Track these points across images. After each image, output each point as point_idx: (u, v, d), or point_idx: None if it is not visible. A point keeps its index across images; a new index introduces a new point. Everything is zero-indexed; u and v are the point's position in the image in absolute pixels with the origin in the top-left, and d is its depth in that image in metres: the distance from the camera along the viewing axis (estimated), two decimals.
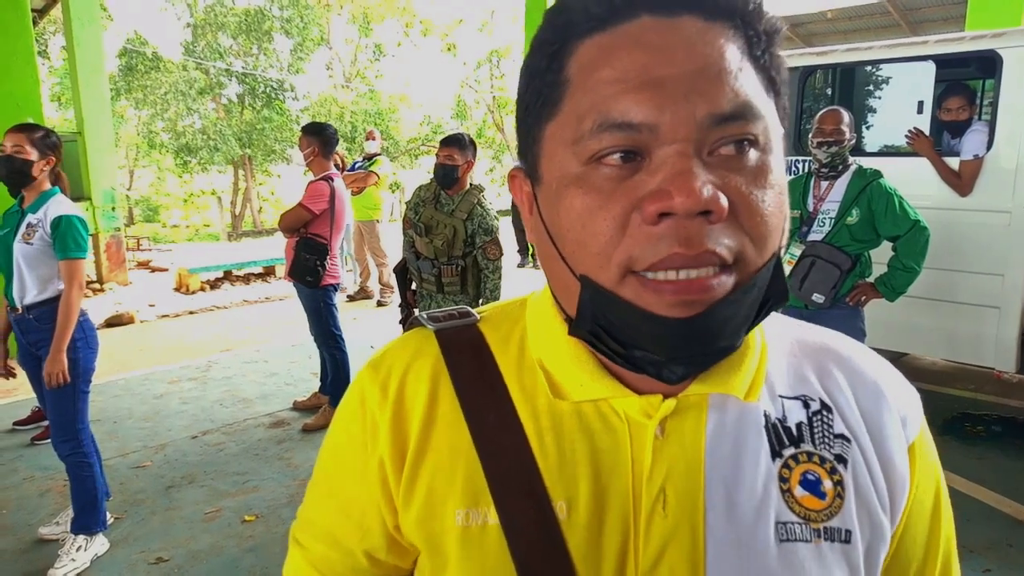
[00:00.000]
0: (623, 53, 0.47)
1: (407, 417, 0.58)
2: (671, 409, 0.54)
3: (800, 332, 0.62)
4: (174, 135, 22.06)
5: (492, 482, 0.55)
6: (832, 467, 0.55)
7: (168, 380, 5.17)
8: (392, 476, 0.58)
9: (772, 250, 0.48)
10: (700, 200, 0.43)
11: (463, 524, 0.55)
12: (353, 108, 23.29)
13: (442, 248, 3.42)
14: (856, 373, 0.59)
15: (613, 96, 0.46)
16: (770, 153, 0.48)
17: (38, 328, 2.76)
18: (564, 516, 0.53)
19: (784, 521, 0.53)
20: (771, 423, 0.56)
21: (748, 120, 0.46)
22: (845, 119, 3.11)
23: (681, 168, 0.45)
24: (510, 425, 0.56)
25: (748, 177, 0.47)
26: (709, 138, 0.46)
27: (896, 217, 3.04)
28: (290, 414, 4.44)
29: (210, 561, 2.79)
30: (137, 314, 7.29)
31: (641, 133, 0.46)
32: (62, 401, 2.74)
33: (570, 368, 0.56)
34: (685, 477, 0.53)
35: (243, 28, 21.28)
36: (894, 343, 4.09)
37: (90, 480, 2.80)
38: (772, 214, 0.47)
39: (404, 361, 0.61)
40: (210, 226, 23.17)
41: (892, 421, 0.58)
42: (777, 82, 0.50)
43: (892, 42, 4.39)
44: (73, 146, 8.20)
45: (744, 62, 0.48)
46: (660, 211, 0.44)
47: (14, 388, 4.84)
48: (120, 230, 8.92)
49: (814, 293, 3.14)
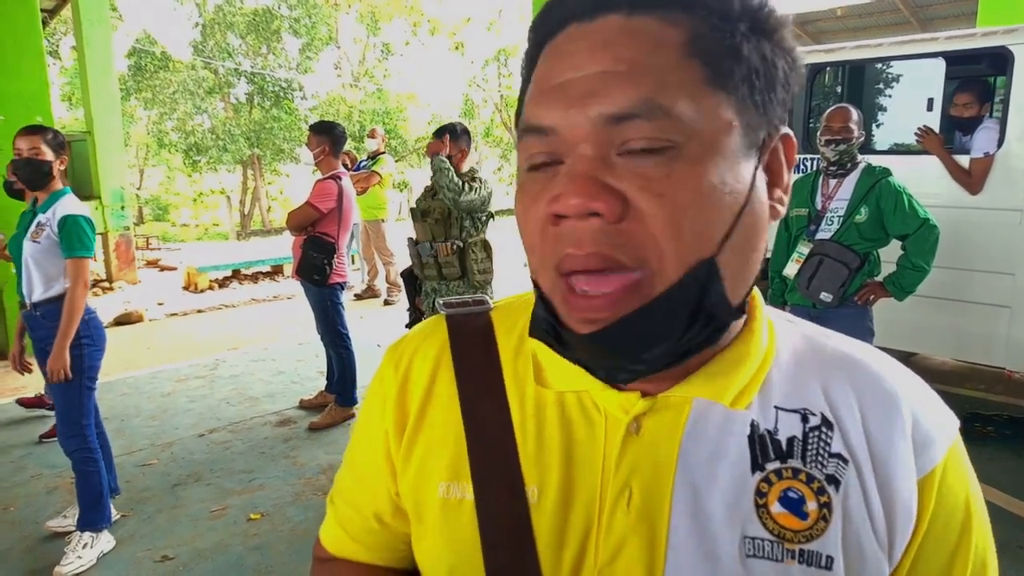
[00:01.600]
0: (545, 62, 0.50)
1: (410, 392, 0.63)
2: (645, 408, 0.53)
3: (820, 340, 0.58)
4: (183, 134, 22.17)
5: (473, 460, 0.57)
6: (821, 487, 0.51)
7: (176, 378, 5.19)
8: (394, 445, 0.63)
9: (692, 258, 0.45)
10: (584, 202, 0.44)
11: (443, 496, 0.58)
12: (361, 107, 23.34)
13: (437, 227, 3.55)
14: (872, 390, 0.54)
15: (530, 103, 0.50)
16: (694, 152, 0.45)
17: (44, 325, 2.79)
18: (535, 500, 0.55)
19: (753, 536, 0.51)
20: (758, 433, 0.53)
21: (651, 118, 0.44)
22: (854, 116, 3.08)
23: (574, 171, 0.46)
24: (498, 409, 0.58)
25: (656, 179, 0.44)
26: (614, 138, 0.45)
27: (905, 215, 3.01)
28: (297, 412, 4.45)
29: (215, 559, 2.80)
30: (146, 312, 7.33)
31: (549, 136, 0.48)
32: (67, 398, 2.78)
33: (556, 359, 0.57)
34: (653, 476, 0.52)
35: (252, 27, 21.36)
36: (903, 343, 4.06)
37: (95, 476, 2.82)
38: (689, 217, 0.44)
39: (416, 342, 0.66)
40: (219, 225, 23.26)
41: (904, 447, 0.52)
42: (730, 74, 0.46)
43: (902, 39, 4.35)
44: (83, 145, 8.25)
45: (665, 54, 0.45)
46: (554, 212, 0.46)
47: (24, 384, 4.87)
48: (130, 229, 8.97)
49: (822, 292, 3.11)
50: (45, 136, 2.78)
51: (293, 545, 2.89)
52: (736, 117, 0.47)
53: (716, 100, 0.46)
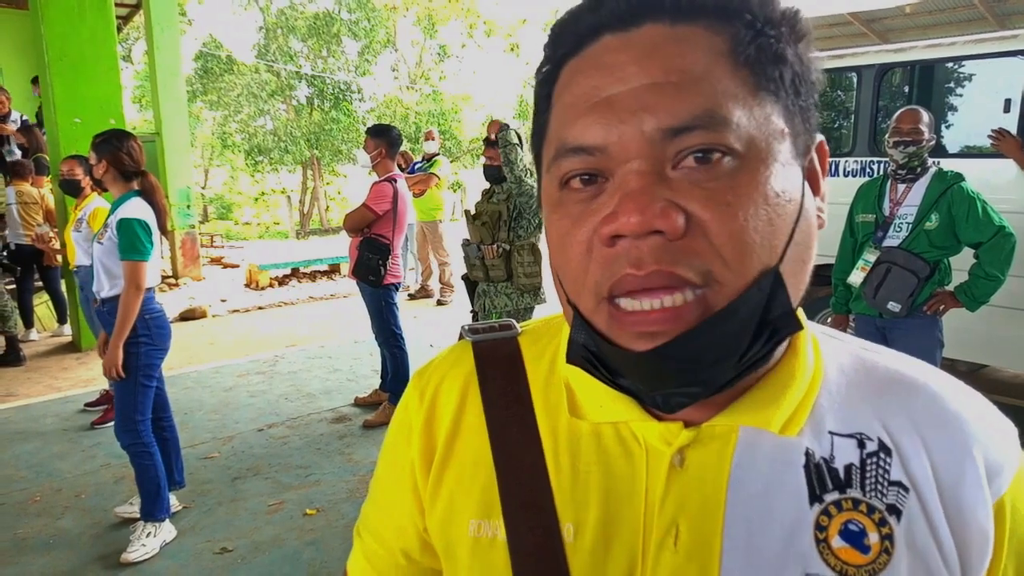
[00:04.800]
0: (582, 76, 0.47)
1: (437, 423, 0.60)
2: (689, 439, 0.50)
3: (871, 359, 0.55)
4: (246, 136, 22.81)
5: (504, 497, 0.54)
6: (882, 518, 0.48)
7: (237, 373, 5.34)
8: (420, 479, 0.59)
9: (757, 269, 0.44)
10: (646, 219, 0.42)
11: (474, 535, 0.55)
12: (417, 109, 23.61)
13: (487, 229, 3.62)
14: (933, 413, 0.51)
15: (570, 121, 0.46)
16: (757, 162, 0.44)
17: (111, 322, 2.87)
18: (570, 539, 0.52)
19: (815, 574, 0.47)
20: (814, 462, 0.49)
21: (710, 129, 0.43)
22: (924, 118, 2.96)
23: (630, 188, 0.43)
24: (529, 441, 0.55)
25: (719, 190, 0.43)
26: (668, 152, 0.43)
27: (979, 222, 2.88)
28: (352, 410, 4.53)
29: (272, 553, 2.87)
30: (209, 308, 7.56)
31: (595, 156, 0.45)
32: (123, 393, 2.85)
33: (591, 388, 0.54)
34: (701, 513, 0.49)
35: (313, 31, 21.82)
36: (973, 354, 3.89)
37: (152, 469, 2.90)
38: (750, 230, 0.43)
39: (442, 370, 0.63)
40: (279, 224, 23.84)
41: (973, 472, 0.49)
42: (778, 80, 0.45)
43: (977, 37, 4.18)
44: (152, 146, 8.58)
45: (718, 64, 0.44)
46: (611, 233, 0.43)
47: (94, 378, 5.09)
48: (195, 227, 9.28)
49: (890, 301, 3.00)
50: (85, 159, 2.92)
51: (348, 541, 2.92)
52: (785, 124, 0.46)
53: (767, 108, 0.45)
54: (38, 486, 3.49)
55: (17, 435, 4.14)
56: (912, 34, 8.92)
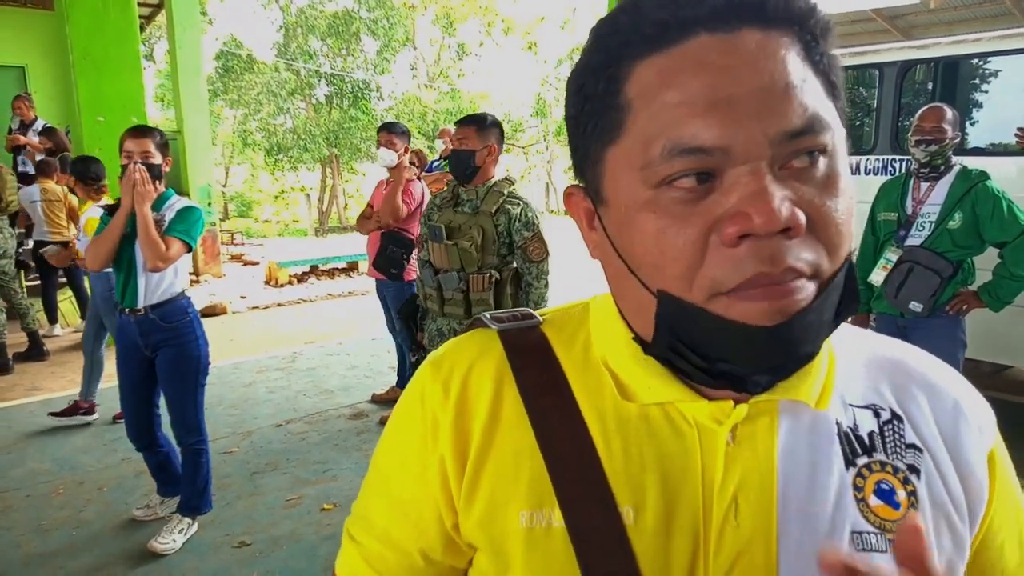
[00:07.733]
0: (686, 75, 0.46)
1: (470, 416, 0.58)
2: (743, 415, 0.53)
3: (874, 345, 0.62)
4: (266, 134, 23.01)
5: (557, 484, 0.54)
6: (905, 477, 0.54)
7: (256, 369, 5.39)
8: (453, 475, 0.58)
9: (844, 256, 0.48)
10: (779, 219, 0.43)
11: (527, 526, 0.54)
12: (435, 107, 23.67)
13: (471, 253, 2.75)
14: (931, 385, 0.59)
15: (681, 120, 0.45)
16: (838, 159, 0.48)
17: (161, 327, 2.76)
18: (631, 521, 0.53)
19: (860, 531, 0.52)
20: (843, 431, 0.55)
21: (818, 132, 0.46)
22: (948, 116, 2.92)
23: (757, 188, 0.44)
24: (575, 427, 0.55)
25: (820, 187, 0.46)
26: (781, 153, 0.45)
27: (1004, 222, 2.83)
28: (369, 406, 4.55)
29: (289, 547, 2.89)
30: (229, 305, 7.64)
31: (714, 156, 0.45)
32: (186, 397, 2.84)
33: (637, 370, 0.56)
34: (759, 486, 0.52)
35: (332, 30, 21.95)
36: (997, 355, 3.83)
37: (205, 466, 2.94)
38: (844, 222, 0.47)
39: (467, 360, 0.60)
40: (299, 222, 24.01)
41: (968, 431, 0.57)
42: (836, 84, 0.50)
43: (1003, 33, 4.11)
44: (173, 144, 8.62)
45: (806, 71, 0.47)
46: (740, 233, 0.44)
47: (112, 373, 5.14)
48: (215, 224, 9.38)
49: (912, 301, 2.96)
50: (155, 138, 2.69)
51: None
52: (841, 124, 0.49)
53: (834, 109, 0.49)
54: (61, 479, 3.55)
55: (42, 429, 4.20)
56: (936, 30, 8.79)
